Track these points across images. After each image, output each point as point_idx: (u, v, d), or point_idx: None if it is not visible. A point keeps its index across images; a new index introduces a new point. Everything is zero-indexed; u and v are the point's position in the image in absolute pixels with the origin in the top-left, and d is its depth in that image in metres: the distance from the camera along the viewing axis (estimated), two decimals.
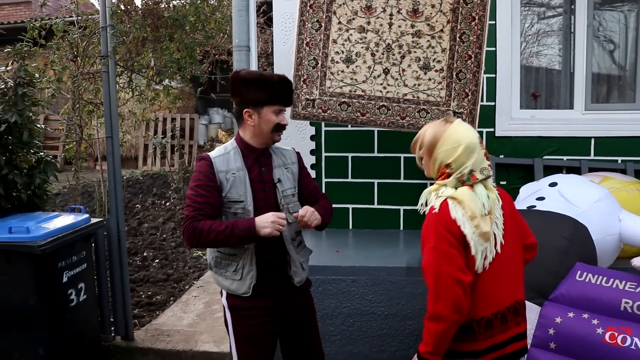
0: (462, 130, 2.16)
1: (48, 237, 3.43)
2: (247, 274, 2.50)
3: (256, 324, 2.55)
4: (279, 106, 2.50)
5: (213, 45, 5.92)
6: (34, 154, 4.04)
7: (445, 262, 2.02)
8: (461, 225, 2.05)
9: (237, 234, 2.35)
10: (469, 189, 2.11)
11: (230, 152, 2.54)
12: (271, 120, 2.48)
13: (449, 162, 2.12)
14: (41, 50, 4.66)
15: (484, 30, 3.29)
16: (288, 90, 2.55)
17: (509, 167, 4.07)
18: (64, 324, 3.62)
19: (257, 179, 2.53)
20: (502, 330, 2.14)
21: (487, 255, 2.10)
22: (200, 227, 2.36)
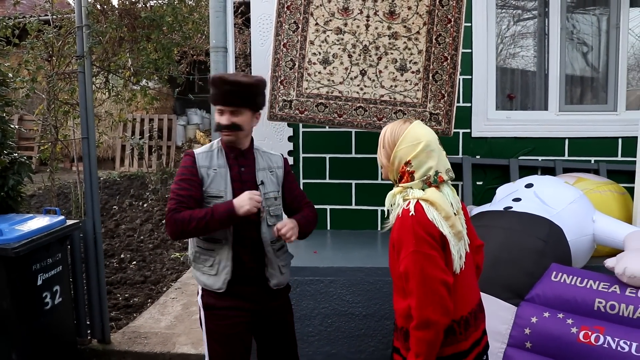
0: (422, 130, 2.17)
1: (22, 240, 3.38)
2: (222, 270, 2.53)
3: (229, 324, 2.57)
4: (218, 106, 2.54)
5: (191, 45, 5.90)
6: (7, 154, 3.98)
7: (429, 265, 1.98)
8: (439, 226, 2.03)
9: (217, 217, 2.41)
10: (437, 190, 2.10)
11: (214, 150, 2.61)
12: (216, 119, 2.57)
13: (409, 160, 2.12)
14: (15, 50, 4.58)
15: (460, 32, 3.32)
16: (220, 90, 2.52)
17: (485, 167, 4.12)
18: (38, 327, 3.57)
19: (237, 178, 2.57)
20: (476, 328, 2.17)
21: (462, 254, 2.11)
22: (181, 217, 2.42)
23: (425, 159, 2.11)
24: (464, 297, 2.13)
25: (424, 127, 2.20)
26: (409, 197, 2.09)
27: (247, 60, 8.10)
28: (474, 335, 2.14)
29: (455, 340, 2.09)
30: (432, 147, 2.12)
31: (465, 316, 2.12)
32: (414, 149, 2.11)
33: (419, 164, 2.11)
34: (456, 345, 2.09)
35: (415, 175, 2.11)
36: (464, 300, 2.13)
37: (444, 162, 2.15)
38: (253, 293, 2.59)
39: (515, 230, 2.92)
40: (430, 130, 2.20)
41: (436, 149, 2.13)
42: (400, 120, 2.25)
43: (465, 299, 2.14)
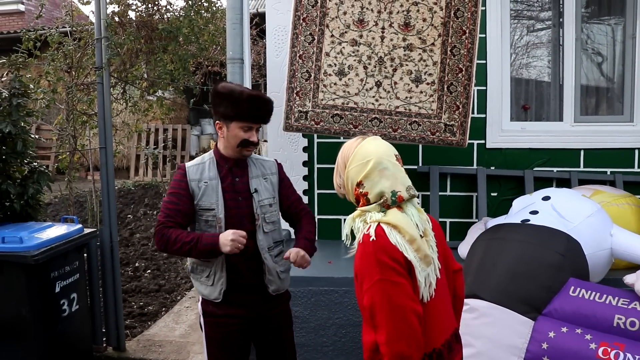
0: (373, 146, 1.96)
1: (41, 247, 3.43)
2: (217, 280, 2.57)
3: (228, 331, 2.60)
4: (248, 123, 2.52)
5: (206, 57, 5.96)
6: (27, 164, 4.04)
7: (396, 294, 1.79)
8: (403, 251, 1.83)
9: (200, 248, 2.44)
10: (399, 211, 1.90)
11: (206, 162, 2.61)
12: (238, 135, 2.52)
13: (360, 180, 1.93)
14: (36, 61, 4.67)
15: (475, 43, 3.34)
16: (257, 108, 2.54)
17: (499, 178, 4.11)
18: (56, 334, 3.61)
19: (230, 189, 2.58)
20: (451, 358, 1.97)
21: (431, 281, 1.90)
22: (168, 234, 2.47)
23: (377, 178, 1.91)
24: (436, 327, 1.93)
25: (376, 143, 1.98)
26: (368, 221, 1.91)
27: (261, 71, 8.16)
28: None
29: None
30: (385, 165, 1.91)
31: (438, 349, 1.91)
32: (364, 168, 1.92)
33: (372, 184, 1.92)
34: None
35: (370, 197, 1.93)
36: (436, 331, 1.93)
37: (402, 179, 1.94)
38: (251, 301, 2.61)
39: (532, 244, 2.91)
40: (383, 145, 1.98)
41: (389, 166, 1.92)
42: (356, 138, 2.06)
43: (438, 329, 1.94)
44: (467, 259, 3.13)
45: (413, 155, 4.10)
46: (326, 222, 4.19)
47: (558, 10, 4.34)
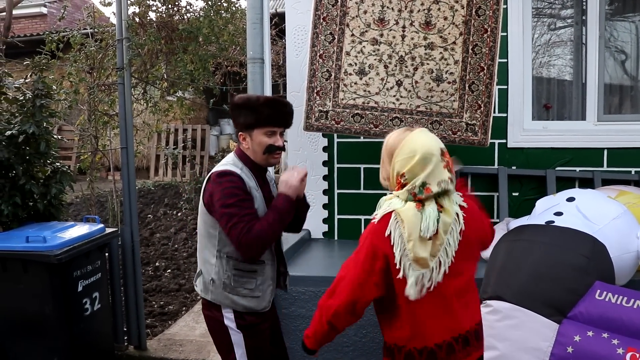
0: (420, 140, 2.03)
1: (64, 247, 3.47)
2: (267, 289, 2.52)
3: (265, 337, 2.59)
4: (270, 128, 2.46)
5: (225, 57, 5.98)
6: (50, 164, 4.09)
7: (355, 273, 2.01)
8: (393, 245, 1.95)
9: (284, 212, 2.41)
10: (417, 208, 1.96)
11: (243, 170, 2.50)
12: (263, 142, 2.46)
13: (403, 172, 2.01)
14: (58, 63, 4.72)
15: (497, 42, 3.31)
16: (277, 111, 2.49)
17: (521, 178, 4.07)
18: (78, 333, 3.65)
19: (268, 197, 2.56)
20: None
21: (425, 283, 1.96)
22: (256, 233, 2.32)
23: (419, 171, 1.98)
24: (429, 326, 2.01)
25: (424, 136, 2.06)
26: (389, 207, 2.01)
27: (280, 70, 8.18)
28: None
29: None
30: (430, 159, 1.98)
31: (431, 348, 2.01)
32: (409, 161, 1.99)
33: (412, 176, 1.99)
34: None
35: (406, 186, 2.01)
36: (429, 331, 2.01)
37: (438, 173, 1.98)
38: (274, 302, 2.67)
39: (557, 246, 2.86)
40: (430, 140, 2.05)
41: (434, 160, 1.98)
42: (401, 130, 2.14)
43: (432, 329, 2.01)
44: (489, 260, 3.09)
45: None
46: (346, 222, 4.18)
47: (581, 8, 4.28)
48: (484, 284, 2.93)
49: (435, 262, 1.97)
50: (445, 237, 1.98)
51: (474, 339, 2.11)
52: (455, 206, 2.04)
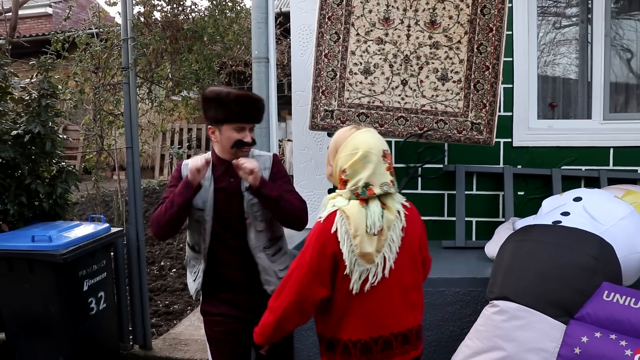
0: (364, 138, 2.10)
1: (70, 246, 3.48)
2: (197, 278, 2.62)
3: (225, 330, 2.61)
4: (239, 123, 2.49)
5: (230, 56, 5.98)
6: (55, 163, 4.10)
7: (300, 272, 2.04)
8: (340, 242, 2.01)
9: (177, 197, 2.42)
10: (361, 205, 2.04)
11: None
12: (231, 137, 2.49)
13: (345, 168, 2.08)
14: (64, 62, 4.74)
15: (502, 40, 3.30)
16: (248, 108, 2.51)
17: (526, 177, 4.05)
18: (84, 332, 3.66)
19: (223, 188, 2.56)
20: (384, 357, 2.09)
21: (369, 277, 2.03)
22: (157, 213, 2.48)
23: (359, 169, 2.05)
24: (366, 320, 2.07)
25: (369, 135, 2.13)
26: (334, 206, 2.08)
27: (284, 70, 8.17)
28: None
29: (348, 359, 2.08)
30: (369, 158, 2.05)
31: (365, 340, 2.07)
32: (351, 158, 2.06)
33: (353, 173, 2.06)
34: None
35: (347, 185, 2.08)
36: (365, 324, 2.08)
37: (381, 175, 2.06)
38: (246, 301, 2.60)
39: (564, 247, 2.85)
40: (373, 139, 2.12)
41: (374, 160, 2.06)
42: (348, 127, 2.21)
43: (369, 323, 2.08)
44: (496, 260, 3.09)
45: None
46: None
47: (586, 6, 4.27)
48: (490, 283, 2.93)
49: (380, 258, 2.04)
50: (389, 233, 2.06)
51: (415, 338, 2.18)
52: (397, 204, 2.12)
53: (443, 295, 3.30)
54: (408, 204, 2.22)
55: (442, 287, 3.29)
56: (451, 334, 3.30)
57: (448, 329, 3.31)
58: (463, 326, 3.24)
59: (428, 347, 3.35)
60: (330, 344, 2.15)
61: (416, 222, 2.22)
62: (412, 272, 2.17)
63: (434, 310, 3.31)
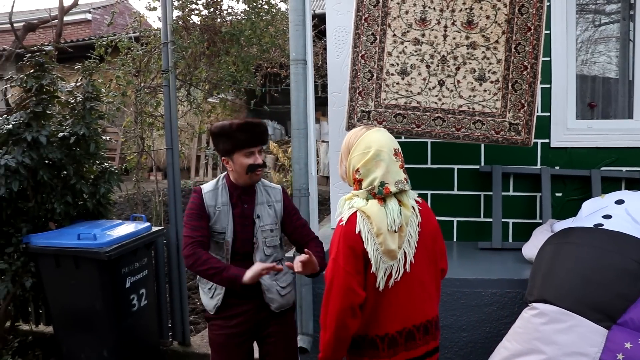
0: (376, 137, 2.17)
1: (113, 244, 3.59)
2: (216, 295, 2.76)
3: (226, 334, 2.77)
4: (247, 149, 2.70)
5: (266, 58, 6.06)
6: (99, 164, 4.23)
7: (339, 279, 2.05)
8: (364, 242, 2.06)
9: (224, 276, 2.55)
10: (379, 204, 2.10)
11: (219, 188, 2.80)
12: (244, 163, 2.70)
13: (358, 168, 2.15)
14: (106, 67, 4.87)
15: (540, 40, 3.27)
16: (251, 133, 2.71)
17: (564, 178, 4.01)
18: (126, 327, 3.77)
19: (239, 214, 2.76)
20: (408, 349, 2.16)
21: (392, 273, 2.10)
22: (199, 254, 2.60)
23: (373, 167, 2.11)
24: (394, 314, 2.14)
25: (380, 135, 2.19)
26: (352, 207, 2.13)
27: (319, 72, 8.22)
28: (402, 355, 2.15)
29: (376, 354, 2.13)
30: (382, 157, 2.12)
31: (392, 334, 2.13)
32: (364, 157, 2.13)
33: (367, 172, 2.12)
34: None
35: (363, 184, 2.14)
36: (391, 318, 2.14)
37: (394, 173, 2.13)
38: (254, 313, 2.77)
39: (607, 250, 2.79)
40: (385, 138, 2.19)
41: (386, 158, 2.12)
42: (359, 128, 2.27)
43: (394, 317, 2.14)
44: (535, 263, 3.05)
45: (475, 155, 4.05)
46: None
47: (628, 3, 4.20)
48: (529, 286, 2.91)
49: (401, 254, 2.11)
50: (408, 229, 2.13)
51: (434, 328, 2.26)
52: (411, 200, 2.19)
53: (480, 297, 3.30)
54: (420, 199, 2.29)
55: (479, 288, 3.29)
56: (488, 335, 3.29)
57: (485, 330, 3.30)
58: (500, 327, 3.23)
59: (464, 348, 3.35)
60: (356, 342, 2.19)
61: (430, 217, 2.29)
62: (428, 265, 2.24)
63: (471, 312, 3.31)
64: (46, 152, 3.73)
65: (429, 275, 2.25)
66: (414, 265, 2.15)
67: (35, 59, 3.83)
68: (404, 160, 2.28)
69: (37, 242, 3.69)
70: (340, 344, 2.13)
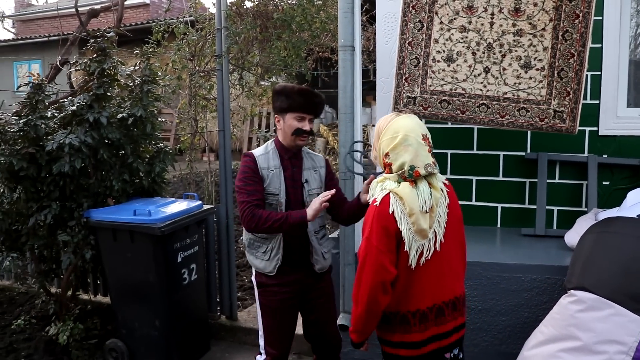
0: (404, 123, 2.25)
1: (166, 220, 3.77)
2: (274, 256, 2.91)
3: (279, 299, 2.96)
4: (300, 113, 2.89)
5: (317, 43, 6.14)
6: (154, 144, 4.43)
7: (372, 256, 2.13)
8: (398, 221, 2.14)
9: (290, 222, 2.74)
10: (411, 185, 2.19)
11: (269, 152, 2.97)
12: (292, 125, 2.89)
13: (387, 152, 2.24)
14: (163, 51, 5.06)
15: (588, 27, 3.25)
16: (308, 100, 2.89)
17: (612, 167, 3.96)
18: (177, 300, 3.97)
19: (290, 177, 2.94)
20: (437, 324, 2.25)
21: (423, 252, 2.19)
22: (259, 214, 2.76)
23: (402, 152, 2.20)
24: (424, 291, 2.23)
25: (408, 120, 2.27)
26: (385, 188, 2.21)
27: (370, 56, 8.23)
28: (432, 330, 2.24)
29: (408, 330, 2.23)
30: (410, 142, 2.20)
31: (422, 310, 2.22)
32: (392, 141, 2.22)
33: (396, 156, 2.21)
34: (408, 335, 2.23)
35: (393, 168, 2.23)
36: (422, 295, 2.23)
37: (423, 157, 2.21)
38: (301, 276, 2.98)
39: None
40: (413, 124, 2.27)
41: (414, 143, 2.20)
42: (390, 114, 2.36)
43: (424, 293, 2.23)
44: (575, 250, 3.07)
45: (521, 142, 4.05)
46: None
47: None
48: (568, 273, 2.93)
49: (431, 233, 2.21)
50: (437, 210, 2.23)
51: (461, 305, 2.36)
52: (440, 183, 2.29)
53: (519, 282, 3.34)
54: (447, 182, 2.39)
55: (519, 274, 3.33)
56: (526, 320, 3.33)
57: (523, 315, 3.34)
58: (538, 313, 3.27)
59: (502, 332, 3.40)
60: (388, 319, 2.29)
61: (455, 199, 2.40)
62: (455, 245, 2.35)
63: (510, 296, 3.36)
64: (106, 132, 3.95)
65: (456, 254, 2.36)
66: (443, 245, 2.25)
67: (98, 44, 4.04)
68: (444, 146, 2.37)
69: (97, 216, 3.92)
70: (371, 318, 2.24)
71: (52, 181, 3.94)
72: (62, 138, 3.78)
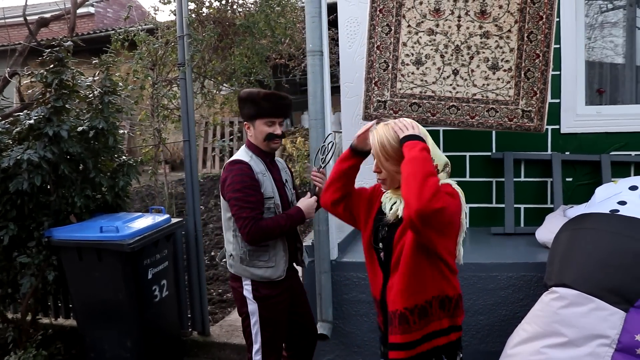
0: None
1: (135, 236, 3.63)
2: (280, 260, 2.89)
3: (282, 309, 2.95)
4: (269, 118, 2.89)
5: (276, 50, 6.10)
6: (117, 158, 4.29)
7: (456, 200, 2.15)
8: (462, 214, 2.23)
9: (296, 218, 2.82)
10: None
11: (252, 157, 2.92)
12: (263, 131, 2.90)
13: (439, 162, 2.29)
14: (122, 60, 4.92)
15: (552, 28, 3.33)
16: (276, 104, 2.90)
17: (575, 163, 4.07)
18: (149, 318, 3.83)
19: (277, 179, 2.97)
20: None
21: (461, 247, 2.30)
22: (265, 226, 2.73)
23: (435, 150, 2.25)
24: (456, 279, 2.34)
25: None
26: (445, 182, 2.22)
27: (330, 61, 8.27)
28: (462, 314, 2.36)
29: (460, 313, 2.31)
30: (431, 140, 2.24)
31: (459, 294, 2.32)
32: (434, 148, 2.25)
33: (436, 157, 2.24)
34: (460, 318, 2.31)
35: (439, 168, 2.24)
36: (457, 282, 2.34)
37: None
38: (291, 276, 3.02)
39: (624, 235, 2.84)
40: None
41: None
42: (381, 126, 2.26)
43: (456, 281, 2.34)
44: (552, 248, 3.11)
45: (487, 142, 4.12)
46: None
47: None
48: (547, 271, 2.96)
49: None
50: None
51: None
52: None
53: (495, 280, 3.37)
54: None
55: (495, 272, 3.36)
56: (504, 318, 3.36)
57: (501, 313, 3.38)
58: (516, 310, 3.31)
59: (481, 331, 3.43)
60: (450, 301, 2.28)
61: None
62: None
63: (487, 295, 3.38)
64: (67, 146, 3.79)
65: None
66: None
67: (55, 54, 3.88)
68: None
69: (60, 235, 3.74)
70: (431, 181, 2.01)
71: (8, 200, 3.74)
72: (20, 154, 3.60)
